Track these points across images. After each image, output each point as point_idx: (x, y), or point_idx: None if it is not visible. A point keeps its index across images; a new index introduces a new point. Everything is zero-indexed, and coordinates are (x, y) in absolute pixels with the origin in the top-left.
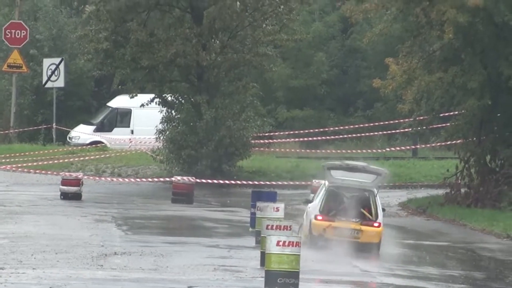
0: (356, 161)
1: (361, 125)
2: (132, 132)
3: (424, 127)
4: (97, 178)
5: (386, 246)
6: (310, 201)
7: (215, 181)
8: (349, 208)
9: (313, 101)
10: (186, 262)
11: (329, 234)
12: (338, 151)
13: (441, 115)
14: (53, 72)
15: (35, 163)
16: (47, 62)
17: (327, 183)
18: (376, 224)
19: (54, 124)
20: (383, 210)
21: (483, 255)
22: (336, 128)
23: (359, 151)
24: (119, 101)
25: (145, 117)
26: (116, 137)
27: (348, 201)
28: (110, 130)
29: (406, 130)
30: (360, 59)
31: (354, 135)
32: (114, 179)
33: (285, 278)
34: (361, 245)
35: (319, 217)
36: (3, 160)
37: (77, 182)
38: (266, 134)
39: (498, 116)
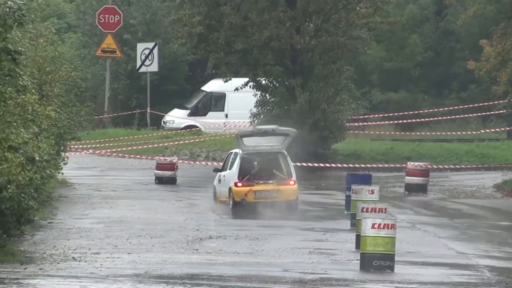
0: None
1: (456, 107)
2: (226, 116)
3: None
4: (192, 162)
5: (480, 227)
6: (219, 170)
7: (310, 164)
8: (264, 171)
9: (407, 84)
10: (281, 246)
11: (250, 198)
12: (433, 133)
13: None
14: (147, 57)
15: (129, 148)
16: (141, 46)
17: (240, 151)
18: (291, 182)
19: (148, 108)
20: None
21: None
22: (431, 110)
23: (453, 133)
24: (213, 85)
25: (239, 101)
26: (211, 121)
27: (262, 164)
28: (204, 114)
29: (501, 111)
30: (454, 41)
31: (448, 117)
32: (209, 163)
33: (381, 260)
34: (281, 203)
35: (239, 184)
36: (98, 145)
37: (172, 167)
38: (361, 116)
39: None
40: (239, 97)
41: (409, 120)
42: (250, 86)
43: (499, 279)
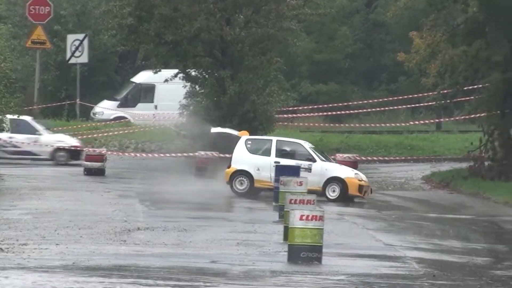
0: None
1: (385, 99)
2: (155, 107)
3: (448, 101)
4: (121, 153)
5: (408, 219)
6: None
7: None
8: None
9: (337, 75)
10: (209, 237)
11: None
12: (362, 125)
13: (465, 88)
14: (77, 48)
15: None
16: (71, 38)
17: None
18: None
19: (77, 99)
20: None
21: (507, 228)
22: (360, 102)
23: (382, 125)
24: (143, 77)
25: (168, 92)
26: (140, 113)
27: None
28: (134, 105)
29: (430, 103)
30: (384, 33)
31: (377, 109)
32: (138, 155)
33: (308, 252)
34: None
35: None
36: None
37: (101, 158)
38: (290, 108)
39: None
40: (168, 89)
41: (338, 112)
42: (179, 78)
43: (427, 271)
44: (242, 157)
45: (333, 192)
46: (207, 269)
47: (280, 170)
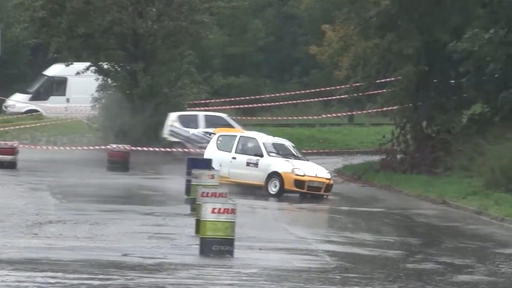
0: None
1: (297, 92)
2: (68, 100)
3: (360, 94)
4: (33, 146)
5: (321, 212)
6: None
7: (151, 148)
8: None
9: (249, 68)
10: (121, 230)
11: None
12: (274, 118)
13: (377, 81)
14: None
15: None
16: None
17: None
18: None
19: None
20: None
21: (419, 221)
22: (272, 95)
23: (295, 118)
24: (55, 70)
25: (81, 85)
26: (52, 106)
27: None
28: (46, 98)
29: (342, 96)
30: (296, 26)
31: (290, 102)
32: (50, 148)
33: (220, 245)
34: None
35: None
36: None
37: (12, 151)
38: (202, 101)
39: (435, 82)
40: (81, 82)
41: (250, 105)
42: (92, 71)
43: (339, 264)
44: (210, 154)
45: (274, 187)
46: (119, 262)
47: (192, 163)
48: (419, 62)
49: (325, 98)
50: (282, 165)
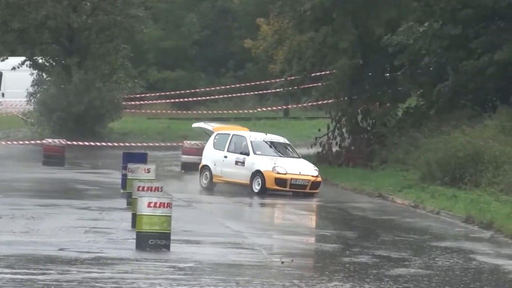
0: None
1: (233, 86)
2: (2, 95)
3: (295, 87)
4: None
5: (257, 206)
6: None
7: (86, 143)
8: None
9: (184, 62)
10: (58, 225)
11: None
12: (210, 112)
13: (313, 74)
14: None
15: None
16: None
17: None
18: None
19: None
20: None
21: (355, 214)
22: (207, 89)
23: (230, 111)
24: None
25: (15, 80)
26: None
27: None
28: None
29: (278, 90)
30: (231, 20)
31: (225, 95)
32: None
33: (156, 239)
34: None
35: None
36: None
37: None
38: (137, 95)
39: (370, 75)
40: (15, 76)
41: (185, 99)
42: (27, 65)
43: (275, 257)
44: (207, 152)
45: (258, 186)
46: (55, 256)
47: (128, 158)
48: (354, 55)
49: (260, 92)
50: (264, 164)
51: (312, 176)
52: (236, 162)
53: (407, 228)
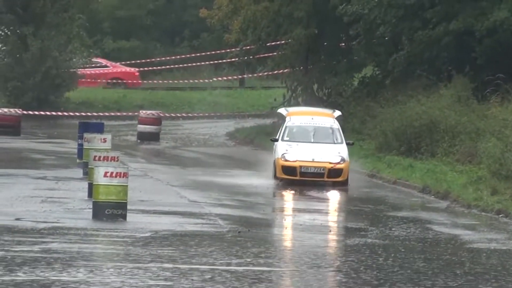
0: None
1: (188, 55)
2: None
3: (250, 57)
4: None
5: (212, 176)
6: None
7: (42, 112)
8: None
9: (139, 32)
10: (14, 194)
11: None
12: (165, 81)
13: (268, 44)
14: None
15: None
16: None
17: None
18: None
19: None
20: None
21: (312, 185)
22: (163, 58)
23: (186, 81)
24: None
25: None
26: None
27: None
28: None
29: (233, 59)
30: None
31: (180, 65)
32: None
33: (113, 209)
34: None
35: None
36: None
37: None
38: (92, 65)
39: (325, 45)
40: None
41: (141, 68)
42: None
43: (232, 227)
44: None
45: (273, 175)
46: (12, 226)
47: (84, 127)
48: (309, 25)
49: (215, 62)
50: (279, 151)
51: (330, 163)
52: (274, 150)
53: (363, 198)
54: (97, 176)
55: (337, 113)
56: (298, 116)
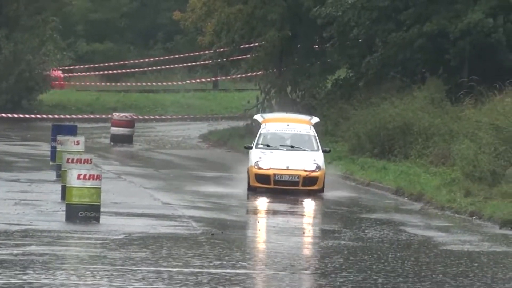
0: None
1: (161, 58)
2: None
3: (224, 59)
4: None
5: (186, 179)
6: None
7: (15, 115)
8: None
9: (113, 34)
10: None
11: None
12: (138, 84)
13: (242, 46)
14: None
15: None
16: None
17: None
18: None
19: None
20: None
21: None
22: (136, 61)
23: (159, 83)
24: None
25: None
26: None
27: None
28: None
29: (207, 62)
30: None
31: (154, 67)
32: None
33: (86, 211)
34: None
35: None
36: None
37: None
38: (66, 67)
39: (299, 47)
40: None
41: (114, 71)
42: None
43: (205, 230)
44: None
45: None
46: None
47: (57, 130)
48: (283, 27)
49: (189, 64)
50: (253, 158)
51: (305, 170)
52: (249, 158)
53: (337, 200)
54: (70, 179)
55: (315, 119)
56: (273, 123)
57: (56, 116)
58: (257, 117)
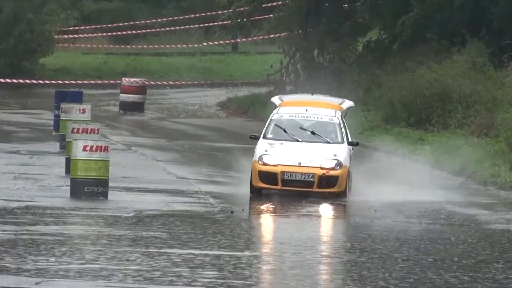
0: None
1: (176, 18)
2: None
3: (244, 19)
4: None
5: (202, 150)
6: None
7: (15, 80)
8: None
9: None
10: None
11: None
12: (150, 46)
13: (264, 5)
14: None
15: None
16: None
17: None
18: None
19: None
20: None
21: None
22: (148, 21)
23: (173, 46)
24: None
25: None
26: None
27: None
28: None
29: (225, 22)
30: None
31: (167, 28)
32: None
33: (93, 186)
34: None
35: None
36: None
37: None
38: (71, 28)
39: (326, 6)
40: None
41: (124, 32)
42: None
43: (224, 207)
44: None
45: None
46: None
47: (61, 97)
48: None
49: (206, 24)
50: (258, 151)
51: (322, 168)
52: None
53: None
54: (76, 150)
55: (347, 103)
56: (288, 107)
57: (60, 82)
58: (275, 99)
